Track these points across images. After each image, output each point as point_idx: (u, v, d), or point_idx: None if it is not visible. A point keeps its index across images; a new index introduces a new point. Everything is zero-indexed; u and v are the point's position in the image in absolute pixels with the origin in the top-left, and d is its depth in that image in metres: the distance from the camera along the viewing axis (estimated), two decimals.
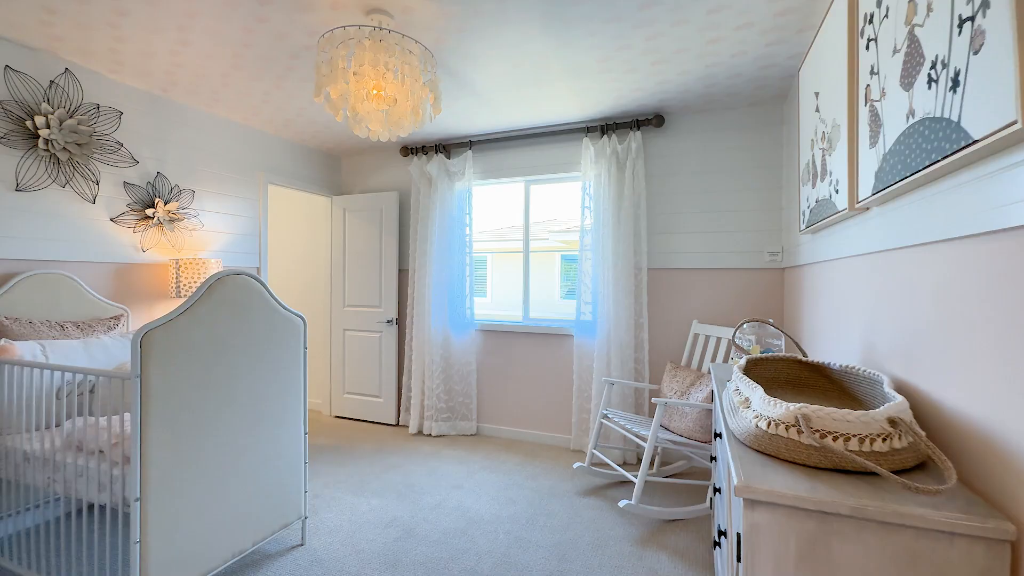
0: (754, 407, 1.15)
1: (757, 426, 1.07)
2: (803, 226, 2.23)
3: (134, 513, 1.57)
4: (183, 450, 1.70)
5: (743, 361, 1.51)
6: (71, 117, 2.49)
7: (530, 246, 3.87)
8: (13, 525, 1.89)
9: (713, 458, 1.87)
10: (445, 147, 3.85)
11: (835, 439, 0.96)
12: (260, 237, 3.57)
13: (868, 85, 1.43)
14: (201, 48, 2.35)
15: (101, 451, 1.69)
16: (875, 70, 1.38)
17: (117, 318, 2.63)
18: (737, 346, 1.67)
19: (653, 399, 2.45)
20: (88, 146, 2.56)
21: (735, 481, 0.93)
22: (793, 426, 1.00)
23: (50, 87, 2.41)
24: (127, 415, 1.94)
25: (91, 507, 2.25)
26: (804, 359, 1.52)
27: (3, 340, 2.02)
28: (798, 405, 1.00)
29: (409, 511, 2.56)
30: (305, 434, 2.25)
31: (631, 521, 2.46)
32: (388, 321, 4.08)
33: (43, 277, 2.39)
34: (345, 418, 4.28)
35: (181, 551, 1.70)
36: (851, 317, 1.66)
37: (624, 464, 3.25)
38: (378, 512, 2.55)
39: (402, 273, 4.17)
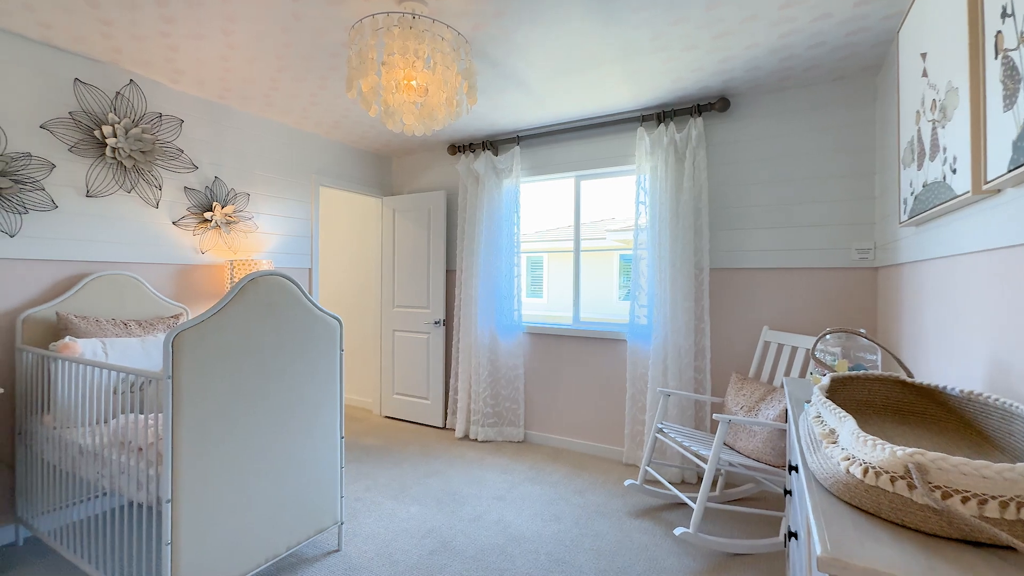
0: (843, 444, 0.90)
1: (848, 471, 0.83)
2: (904, 217, 1.87)
3: (165, 514, 1.56)
4: (215, 452, 1.68)
5: (826, 380, 1.24)
6: (136, 126, 2.62)
7: (581, 245, 3.66)
8: (70, 515, 1.98)
9: (788, 492, 1.58)
10: (492, 144, 3.73)
11: (964, 500, 0.70)
12: (312, 238, 3.64)
13: (999, 32, 1.11)
14: (247, 52, 2.38)
15: (140, 449, 1.71)
16: (1009, 11, 1.06)
17: (177, 317, 2.74)
18: (818, 360, 1.39)
19: (715, 415, 2.17)
20: (151, 153, 2.68)
21: (817, 549, 0.70)
22: (902, 478, 0.75)
23: (116, 98, 2.54)
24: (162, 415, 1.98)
25: (131, 504, 2.35)
26: (909, 380, 1.22)
27: (67, 337, 2.13)
28: (910, 450, 0.75)
29: (447, 522, 2.45)
30: (341, 438, 2.20)
31: (688, 551, 2.19)
32: (436, 322, 4.03)
33: (110, 278, 2.52)
34: (394, 418, 4.29)
35: (213, 554, 1.69)
36: (973, 329, 1.33)
37: (682, 483, 2.95)
38: (416, 520, 2.47)
39: (450, 274, 4.10)
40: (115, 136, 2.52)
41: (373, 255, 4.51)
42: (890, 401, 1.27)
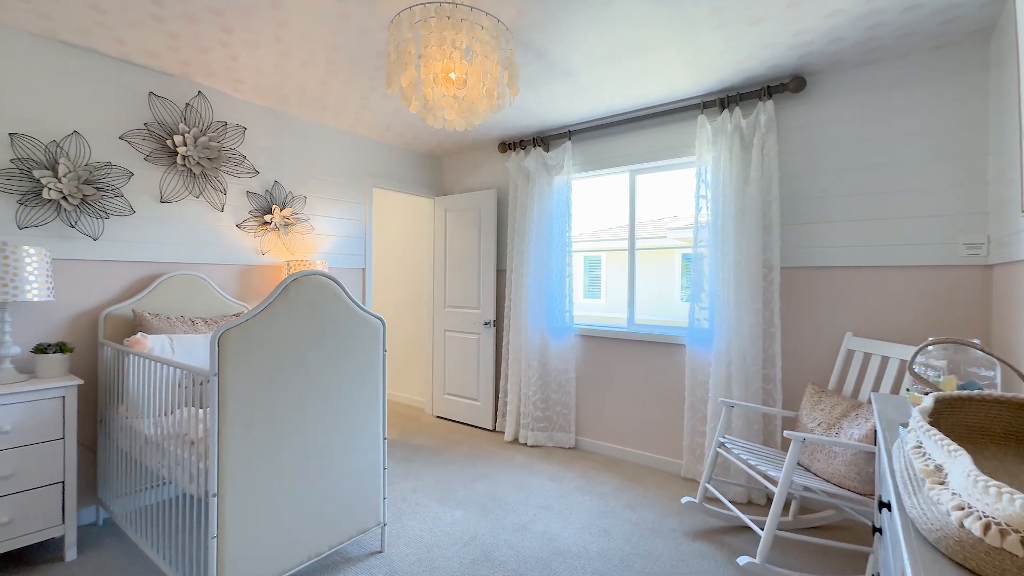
0: (955, 487, 0.71)
1: (962, 525, 0.64)
2: None
3: (211, 508, 1.60)
4: (259, 448, 1.71)
5: (929, 401, 1.02)
6: (204, 135, 2.78)
7: (636, 244, 3.46)
8: (139, 500, 2.11)
9: (877, 529, 1.35)
10: (543, 140, 3.62)
11: None
12: (365, 239, 3.72)
13: None
14: (299, 57, 2.44)
15: (192, 443, 1.77)
16: None
17: (239, 315, 2.87)
18: (917, 376, 1.15)
19: (786, 432, 1.93)
20: (217, 160, 2.84)
21: None
22: None
23: (186, 108, 2.71)
24: None
25: (185, 495, 2.48)
26: None
27: (139, 333, 2.28)
28: None
29: (491, 530, 2.38)
30: (384, 439, 2.19)
31: None
32: (486, 323, 3.98)
33: (180, 278, 2.69)
34: (445, 419, 4.30)
35: (257, 549, 1.71)
36: None
37: (749, 504, 2.69)
38: (460, 526, 2.41)
39: (500, 274, 4.04)
40: (185, 145, 2.69)
41: (425, 255, 4.55)
42: (1014, 429, 1.02)
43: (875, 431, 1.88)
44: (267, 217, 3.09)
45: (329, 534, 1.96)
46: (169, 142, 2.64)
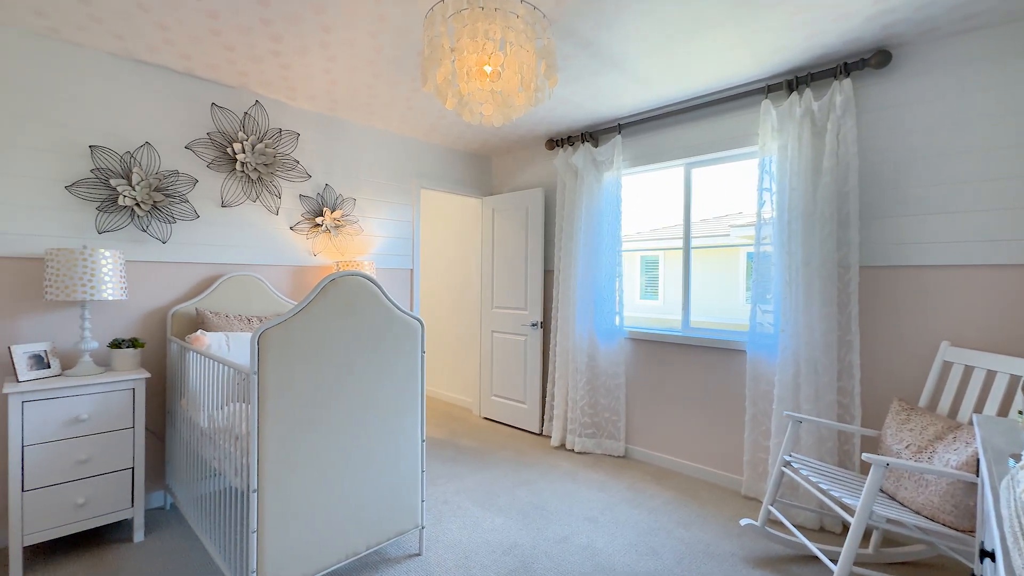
0: None
1: None
2: None
3: (252, 503, 1.64)
4: (298, 446, 1.74)
5: None
6: (261, 142, 2.91)
7: (692, 243, 3.23)
8: (198, 489, 2.22)
9: None
10: (592, 135, 3.48)
11: None
12: (413, 240, 3.76)
13: None
14: (345, 62, 2.48)
15: (238, 438, 1.83)
16: None
17: None
18: None
19: (865, 456, 1.69)
20: (272, 166, 2.96)
21: None
22: None
23: (244, 117, 2.85)
24: None
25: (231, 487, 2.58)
26: None
27: (199, 331, 2.41)
28: None
29: (532, 539, 2.29)
30: (422, 441, 2.17)
31: None
32: (533, 324, 3.90)
33: (239, 278, 2.83)
34: (491, 420, 4.26)
35: (295, 545, 1.74)
36: None
37: (821, 531, 2.41)
38: (500, 533, 2.35)
39: (547, 274, 3.94)
40: (244, 152, 2.82)
41: (473, 255, 4.54)
42: None
43: (977, 459, 1.60)
44: (318, 219, 3.19)
45: (366, 534, 1.96)
46: (229, 150, 2.78)
